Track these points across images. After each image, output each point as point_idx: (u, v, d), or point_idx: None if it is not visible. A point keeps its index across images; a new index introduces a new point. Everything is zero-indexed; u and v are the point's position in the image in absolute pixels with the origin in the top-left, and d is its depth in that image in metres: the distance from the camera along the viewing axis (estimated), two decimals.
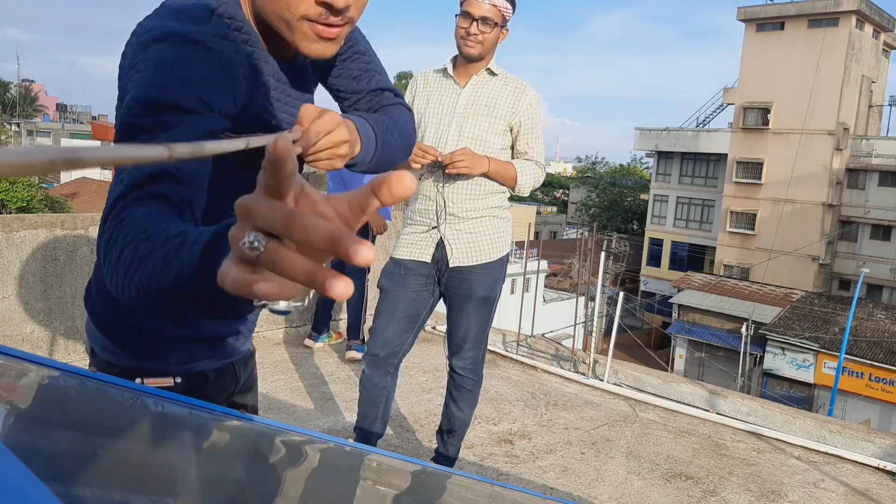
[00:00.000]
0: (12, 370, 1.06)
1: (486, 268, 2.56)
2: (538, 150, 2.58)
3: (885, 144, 28.43)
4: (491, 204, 2.55)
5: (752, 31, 30.21)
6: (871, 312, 22.27)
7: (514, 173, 2.50)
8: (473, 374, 2.67)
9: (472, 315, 2.59)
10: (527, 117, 2.51)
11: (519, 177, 2.51)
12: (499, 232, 2.58)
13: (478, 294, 2.56)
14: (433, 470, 1.47)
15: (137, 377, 1.23)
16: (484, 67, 2.51)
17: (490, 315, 2.63)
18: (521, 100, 2.51)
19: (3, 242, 3.46)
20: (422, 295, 2.61)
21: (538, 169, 2.57)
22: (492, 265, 2.57)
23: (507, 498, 1.45)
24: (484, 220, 2.55)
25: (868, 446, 3.47)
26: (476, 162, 2.40)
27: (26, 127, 53.67)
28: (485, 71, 2.52)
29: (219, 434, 1.26)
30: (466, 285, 2.55)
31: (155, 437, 1.13)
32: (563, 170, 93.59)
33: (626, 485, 2.98)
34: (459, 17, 2.38)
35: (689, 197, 34.15)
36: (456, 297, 2.59)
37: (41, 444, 0.86)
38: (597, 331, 13.35)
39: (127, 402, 1.17)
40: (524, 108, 2.51)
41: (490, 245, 2.56)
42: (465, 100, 2.50)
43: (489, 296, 2.58)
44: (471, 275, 2.55)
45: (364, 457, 1.33)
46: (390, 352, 2.64)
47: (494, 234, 2.57)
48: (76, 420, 1.04)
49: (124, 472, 0.90)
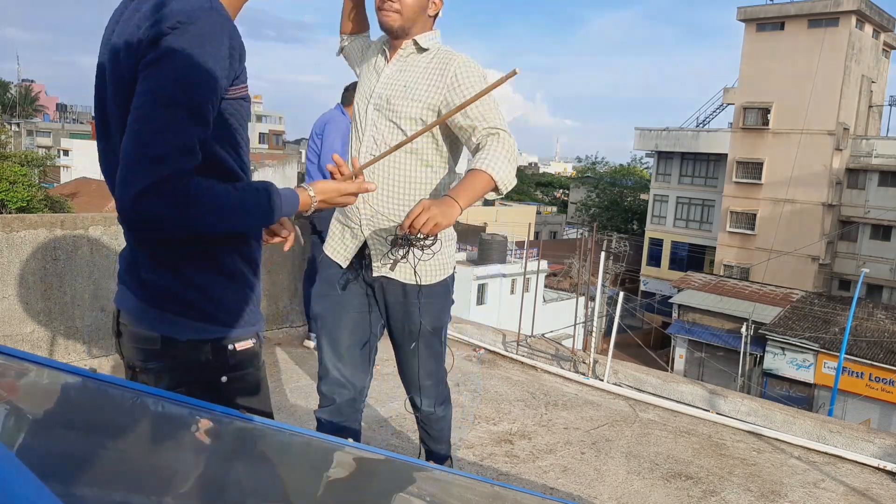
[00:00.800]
0: (12, 370, 1.05)
1: (426, 294, 2.13)
2: (490, 115, 1.99)
3: (884, 144, 28.44)
4: None
5: (752, 31, 30.21)
6: (871, 312, 22.27)
7: (487, 175, 1.90)
8: (440, 403, 2.36)
9: (423, 349, 2.21)
10: (455, 88, 2.00)
11: (493, 173, 1.90)
12: (442, 250, 2.07)
13: (424, 325, 2.16)
14: (433, 470, 1.47)
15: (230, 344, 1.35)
16: (409, 41, 2.07)
17: (441, 348, 2.28)
18: (445, 74, 2.02)
19: (3, 242, 3.46)
20: (364, 316, 2.21)
21: (501, 143, 1.95)
22: (431, 289, 2.15)
23: (507, 498, 1.44)
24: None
25: (868, 446, 3.47)
26: (446, 212, 1.77)
27: (26, 127, 53.62)
28: (411, 45, 2.08)
29: (219, 434, 1.26)
30: (413, 317, 2.15)
31: (155, 437, 1.13)
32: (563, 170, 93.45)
33: (626, 485, 2.98)
34: None
35: (689, 197, 34.15)
36: (400, 331, 2.20)
37: (41, 444, 0.86)
38: (597, 331, 13.35)
39: (127, 402, 1.17)
40: (449, 81, 2.01)
41: (430, 263, 2.09)
42: (384, 81, 2.09)
43: (437, 326, 2.21)
44: (412, 305, 2.13)
45: (364, 457, 1.33)
46: (350, 395, 2.25)
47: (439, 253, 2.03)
48: (76, 420, 1.04)
49: (124, 471, 0.90)
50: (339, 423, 2.25)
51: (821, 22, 28.26)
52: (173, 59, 1.15)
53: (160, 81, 1.15)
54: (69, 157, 47.59)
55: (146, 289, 1.31)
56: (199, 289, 1.31)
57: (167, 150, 1.14)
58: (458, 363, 4.53)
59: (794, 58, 28.40)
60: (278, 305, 4.78)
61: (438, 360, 2.29)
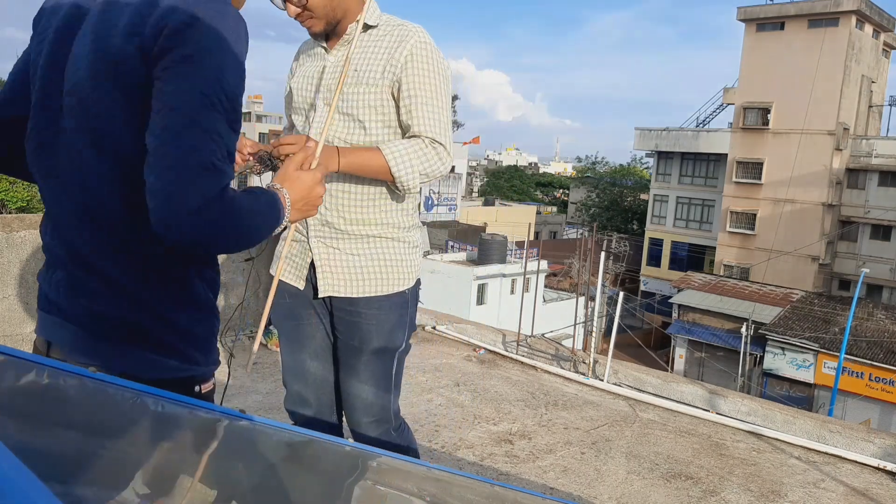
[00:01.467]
0: (12, 370, 1.05)
1: (374, 306, 1.85)
2: (429, 119, 1.76)
3: (884, 144, 28.44)
4: (382, 218, 1.84)
5: (752, 31, 30.22)
6: (871, 312, 22.26)
7: (385, 164, 1.71)
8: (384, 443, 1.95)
9: (364, 372, 1.90)
10: (407, 73, 1.76)
11: (392, 165, 1.71)
12: (393, 258, 1.87)
13: (368, 344, 1.87)
14: (433, 470, 1.47)
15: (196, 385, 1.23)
16: (351, 24, 1.81)
17: (389, 370, 1.92)
18: (401, 49, 1.77)
19: (3, 242, 3.46)
20: (320, 329, 1.98)
21: (427, 148, 1.74)
22: (381, 302, 1.86)
23: (507, 498, 1.44)
24: (371, 241, 1.85)
25: (868, 446, 3.46)
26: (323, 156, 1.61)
27: None
28: (355, 25, 1.81)
29: (219, 434, 1.26)
30: (352, 330, 1.88)
31: (155, 437, 1.13)
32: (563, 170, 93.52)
33: (626, 485, 2.98)
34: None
35: (689, 197, 34.16)
36: (343, 348, 1.92)
37: (41, 444, 0.86)
38: (597, 331, 13.36)
39: (127, 402, 1.17)
40: (402, 61, 1.76)
41: (378, 273, 1.85)
42: (329, 70, 1.84)
43: (387, 346, 1.89)
44: (356, 315, 1.86)
45: (364, 457, 1.33)
46: (317, 409, 2.02)
47: (385, 261, 1.85)
48: (76, 420, 1.04)
49: (124, 471, 0.90)
50: None
51: (821, 22, 28.27)
52: (211, 55, 1.05)
53: (201, 80, 1.04)
54: None
55: (98, 320, 1.14)
56: (163, 319, 1.16)
57: (218, 156, 1.05)
58: (458, 363, 4.53)
59: (794, 58, 28.41)
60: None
61: (378, 391, 1.91)
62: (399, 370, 1.96)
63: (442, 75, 1.80)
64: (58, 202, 1.18)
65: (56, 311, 1.19)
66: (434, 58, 1.80)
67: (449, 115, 1.81)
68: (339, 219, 1.83)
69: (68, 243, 1.17)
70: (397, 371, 1.95)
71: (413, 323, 1.97)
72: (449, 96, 1.83)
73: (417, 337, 5.13)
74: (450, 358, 4.64)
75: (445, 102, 1.80)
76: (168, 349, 1.17)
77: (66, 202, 1.16)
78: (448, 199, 40.53)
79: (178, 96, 1.03)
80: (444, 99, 1.80)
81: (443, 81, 1.80)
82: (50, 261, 1.23)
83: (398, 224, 1.87)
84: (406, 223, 1.89)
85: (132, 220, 1.11)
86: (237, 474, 1.08)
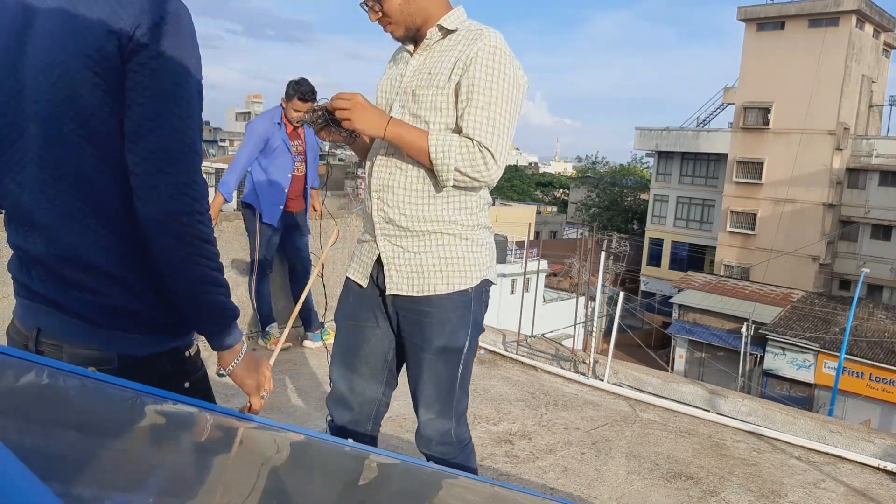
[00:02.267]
0: (12, 370, 1.05)
1: (435, 305, 1.85)
2: (481, 123, 1.71)
3: (885, 144, 28.44)
4: (443, 216, 1.83)
5: (753, 31, 30.21)
6: (872, 312, 22.26)
7: (426, 146, 1.72)
8: (443, 445, 1.97)
9: (427, 371, 1.90)
10: (468, 74, 1.74)
11: (431, 151, 1.71)
12: (454, 256, 1.84)
13: (430, 343, 1.87)
14: (433, 470, 1.47)
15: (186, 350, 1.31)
16: (433, 28, 1.84)
17: (454, 373, 1.91)
18: (468, 52, 1.76)
19: (3, 242, 3.46)
20: (376, 332, 1.98)
21: (473, 149, 1.71)
22: (443, 301, 1.85)
23: (507, 498, 1.44)
24: (432, 238, 1.84)
25: (868, 446, 3.46)
26: (364, 116, 1.71)
27: None
28: (436, 31, 1.84)
29: (219, 434, 1.26)
30: (415, 329, 1.89)
31: (155, 436, 1.13)
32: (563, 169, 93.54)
33: (626, 485, 2.98)
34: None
35: (690, 197, 34.15)
36: (408, 347, 1.93)
37: (41, 444, 0.86)
38: (597, 331, 13.35)
39: (127, 402, 1.17)
40: (469, 62, 1.75)
41: (439, 270, 1.84)
42: (410, 72, 1.87)
43: (448, 346, 1.87)
44: (419, 314, 1.87)
45: (364, 457, 1.33)
46: (356, 416, 2.03)
47: (446, 259, 1.84)
48: (76, 420, 1.04)
49: (124, 471, 0.90)
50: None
51: (821, 22, 28.26)
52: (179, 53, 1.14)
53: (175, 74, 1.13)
54: None
55: (90, 306, 1.20)
56: (150, 301, 1.23)
57: (198, 140, 1.16)
58: None
59: (794, 57, 28.40)
60: (276, 306, 4.78)
61: (442, 390, 1.91)
62: (465, 374, 1.95)
63: (506, 81, 1.75)
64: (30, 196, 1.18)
65: (42, 300, 1.22)
66: (500, 62, 1.75)
67: (507, 123, 1.75)
68: (401, 216, 1.84)
69: (46, 237, 1.19)
70: (463, 374, 1.94)
71: (479, 324, 1.94)
72: (512, 103, 1.77)
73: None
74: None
75: (505, 109, 1.75)
76: (157, 328, 1.25)
77: (38, 195, 1.18)
78: None
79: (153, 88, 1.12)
80: (504, 105, 1.74)
81: (505, 87, 1.75)
82: (24, 258, 1.24)
83: (461, 222, 1.85)
84: (470, 222, 1.87)
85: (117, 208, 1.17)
86: (236, 474, 1.08)
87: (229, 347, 1.28)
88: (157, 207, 1.13)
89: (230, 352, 1.29)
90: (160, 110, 1.12)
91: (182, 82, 1.14)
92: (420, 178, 1.82)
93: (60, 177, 1.16)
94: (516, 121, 1.80)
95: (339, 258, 5.16)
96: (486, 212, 1.92)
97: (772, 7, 29.75)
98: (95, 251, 1.18)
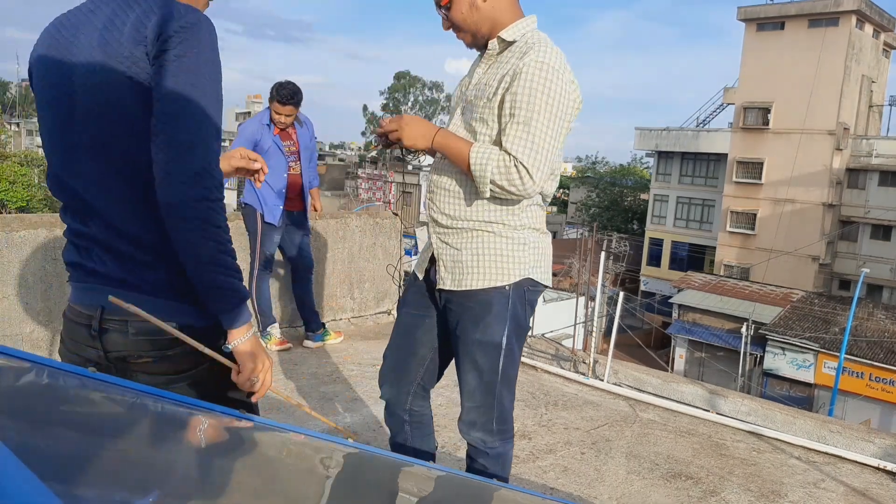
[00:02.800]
0: (12, 370, 1.06)
1: (473, 299, 1.91)
2: (519, 139, 1.75)
3: (885, 144, 28.43)
4: (482, 215, 1.89)
5: (753, 31, 30.21)
6: (872, 312, 22.26)
7: (466, 155, 1.79)
8: (483, 433, 2.00)
9: (467, 363, 1.96)
10: (513, 89, 1.77)
11: (471, 162, 1.78)
12: (492, 252, 1.90)
13: (467, 335, 1.93)
14: (433, 470, 1.47)
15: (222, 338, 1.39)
16: (493, 39, 1.90)
17: (494, 366, 1.93)
18: (517, 65, 1.79)
19: (3, 242, 3.46)
20: (416, 320, 2.09)
21: (509, 164, 1.75)
22: (479, 296, 1.91)
23: (507, 498, 1.44)
24: (471, 235, 1.91)
25: (868, 446, 3.47)
26: (411, 131, 1.85)
27: (26, 126, 53.63)
28: (495, 43, 1.90)
29: (219, 434, 1.26)
30: (456, 321, 1.96)
31: (154, 436, 1.13)
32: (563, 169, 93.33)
33: (626, 485, 2.98)
34: None
35: (690, 197, 34.15)
36: (452, 338, 2.01)
37: (41, 444, 0.86)
38: (597, 331, 13.35)
39: (127, 402, 1.17)
40: (514, 76, 1.78)
41: (476, 266, 1.90)
42: (473, 82, 1.95)
43: (484, 340, 1.91)
44: (460, 307, 1.94)
45: (364, 457, 1.33)
46: (394, 394, 2.12)
47: (484, 255, 1.90)
48: (76, 420, 1.04)
49: (124, 471, 0.90)
50: (391, 420, 2.17)
51: (821, 22, 28.26)
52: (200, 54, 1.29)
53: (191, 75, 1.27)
54: None
55: (149, 280, 1.36)
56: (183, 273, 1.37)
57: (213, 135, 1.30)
58: None
59: (794, 58, 28.40)
60: (278, 306, 4.78)
61: (482, 381, 1.95)
62: (507, 370, 1.96)
63: (549, 97, 1.76)
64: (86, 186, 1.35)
65: (103, 279, 1.38)
66: (544, 78, 1.76)
67: (547, 139, 1.76)
68: (441, 215, 1.94)
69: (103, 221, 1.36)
70: (505, 370, 1.95)
71: (520, 324, 1.96)
72: (554, 119, 1.77)
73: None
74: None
75: (545, 125, 1.76)
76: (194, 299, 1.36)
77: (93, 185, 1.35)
78: None
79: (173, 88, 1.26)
80: (545, 121, 1.75)
81: (547, 103, 1.76)
82: (81, 243, 1.41)
83: (501, 221, 1.89)
84: (513, 221, 1.90)
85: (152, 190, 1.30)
86: (236, 474, 1.08)
87: (237, 327, 1.37)
88: (172, 193, 1.26)
89: (237, 330, 1.38)
90: (176, 107, 1.25)
91: (196, 82, 1.27)
92: (460, 180, 1.90)
93: (111, 167, 1.32)
94: (562, 136, 1.82)
95: (340, 258, 5.16)
96: (531, 213, 1.94)
97: (772, 7, 29.75)
98: (147, 231, 1.33)
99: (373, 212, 6.11)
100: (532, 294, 1.97)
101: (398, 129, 1.86)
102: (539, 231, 1.97)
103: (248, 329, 1.39)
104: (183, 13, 1.29)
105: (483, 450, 2.01)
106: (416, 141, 1.86)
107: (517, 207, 1.90)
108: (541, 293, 2.02)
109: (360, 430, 3.32)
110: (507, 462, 2.11)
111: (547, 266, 2.01)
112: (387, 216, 5.59)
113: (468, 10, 1.85)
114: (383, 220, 5.50)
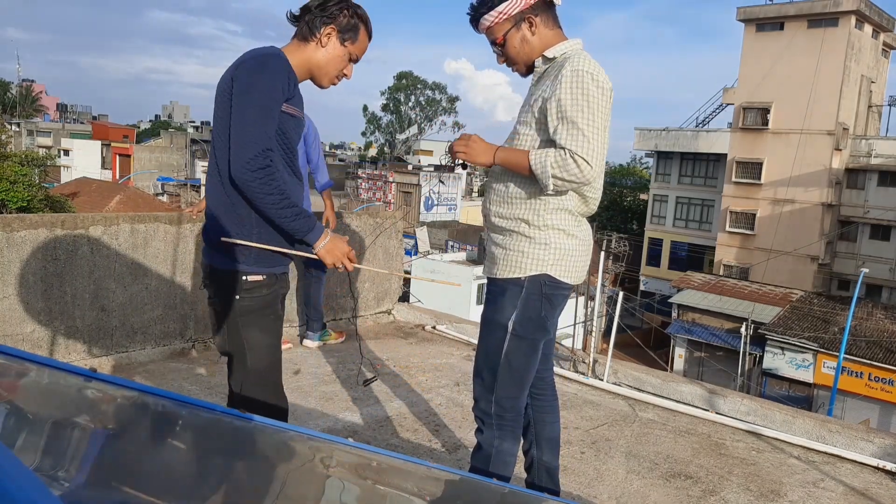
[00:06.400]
0: (12, 370, 1.06)
1: (494, 284, 2.19)
2: (569, 134, 1.96)
3: (884, 144, 28.44)
4: (517, 214, 2.13)
5: (752, 32, 30.22)
6: (871, 312, 22.27)
7: (526, 161, 2.02)
8: (481, 411, 2.22)
9: (480, 342, 2.22)
10: (557, 95, 1.99)
11: (532, 164, 2.00)
12: (515, 249, 2.14)
13: (483, 314, 2.22)
14: (433, 470, 1.47)
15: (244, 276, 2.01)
16: (539, 59, 2.15)
17: (499, 347, 2.13)
18: (558, 75, 2.02)
19: (4, 242, 3.46)
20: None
21: (566, 157, 1.95)
22: (498, 283, 2.17)
23: (508, 498, 1.45)
24: (504, 233, 2.17)
25: (867, 446, 3.47)
26: (476, 150, 2.11)
27: (27, 127, 53.60)
28: (541, 60, 2.14)
29: (219, 433, 1.26)
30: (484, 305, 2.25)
31: (155, 436, 1.13)
32: None
33: (625, 484, 2.98)
34: None
35: (689, 197, 34.16)
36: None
37: (41, 444, 0.86)
38: (596, 330, 13.36)
39: (127, 402, 1.17)
40: (556, 86, 2.00)
41: (500, 258, 2.17)
42: (526, 98, 2.19)
43: (493, 319, 2.16)
44: (487, 293, 2.24)
45: (364, 457, 1.33)
46: None
47: (509, 250, 2.15)
48: (76, 420, 1.04)
49: (124, 470, 0.90)
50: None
51: (820, 22, 28.27)
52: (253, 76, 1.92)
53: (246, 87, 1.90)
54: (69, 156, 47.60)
55: (208, 232, 2.04)
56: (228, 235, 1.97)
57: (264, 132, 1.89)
58: (458, 363, 4.53)
59: (793, 58, 28.41)
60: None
61: (488, 360, 2.16)
62: (512, 356, 2.13)
63: (588, 95, 1.97)
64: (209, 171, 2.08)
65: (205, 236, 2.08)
66: (580, 81, 1.98)
67: (595, 128, 1.96)
68: (488, 212, 2.24)
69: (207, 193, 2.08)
70: (509, 355, 2.13)
71: (530, 315, 2.13)
72: (596, 112, 1.98)
73: (417, 337, 5.13)
74: (450, 357, 4.65)
75: (590, 118, 1.96)
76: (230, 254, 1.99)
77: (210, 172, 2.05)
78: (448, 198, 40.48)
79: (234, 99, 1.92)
80: (588, 115, 1.96)
81: (588, 100, 1.97)
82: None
83: (528, 221, 2.12)
84: (537, 222, 2.11)
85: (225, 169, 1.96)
86: (237, 473, 1.08)
87: (314, 241, 1.99)
88: (235, 170, 1.87)
89: (315, 243, 1.99)
90: (236, 112, 1.89)
91: (248, 91, 1.89)
92: (503, 184, 2.16)
93: (215, 157, 1.99)
94: (606, 123, 2.03)
95: None
96: (558, 217, 2.13)
97: (771, 7, 29.75)
98: (217, 200, 1.99)
99: (373, 212, 6.11)
100: (550, 289, 2.14)
101: (464, 151, 2.11)
102: (565, 233, 2.13)
103: (323, 238, 1.99)
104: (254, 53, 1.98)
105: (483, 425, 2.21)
106: (479, 159, 2.11)
107: (543, 210, 2.10)
108: (564, 291, 2.17)
109: (360, 430, 3.32)
110: (508, 461, 2.22)
111: (570, 266, 2.15)
112: (387, 216, 5.59)
113: (520, 44, 2.12)
114: (383, 220, 5.50)
